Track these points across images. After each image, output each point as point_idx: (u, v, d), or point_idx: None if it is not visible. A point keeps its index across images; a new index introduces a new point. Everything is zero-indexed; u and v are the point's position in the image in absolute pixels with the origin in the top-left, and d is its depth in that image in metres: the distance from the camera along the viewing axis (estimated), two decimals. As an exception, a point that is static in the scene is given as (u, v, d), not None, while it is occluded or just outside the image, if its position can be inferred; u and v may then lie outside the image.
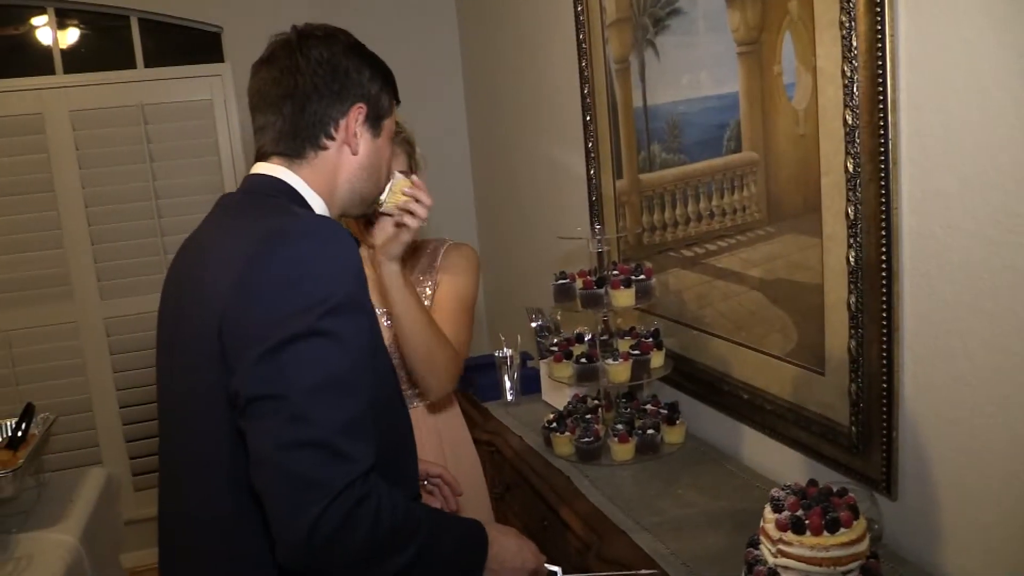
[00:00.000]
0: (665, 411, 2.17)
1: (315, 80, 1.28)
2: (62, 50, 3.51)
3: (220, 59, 3.56)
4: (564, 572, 1.46)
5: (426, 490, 1.74)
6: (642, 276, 2.09)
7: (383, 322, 1.85)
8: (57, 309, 3.54)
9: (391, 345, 1.83)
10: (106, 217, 3.50)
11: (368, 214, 1.67)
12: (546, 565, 1.43)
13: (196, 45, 3.61)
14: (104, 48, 3.64)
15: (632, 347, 2.11)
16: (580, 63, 2.52)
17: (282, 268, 1.11)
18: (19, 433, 2.58)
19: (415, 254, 2.06)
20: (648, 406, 2.23)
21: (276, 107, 1.28)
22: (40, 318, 3.52)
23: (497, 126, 3.50)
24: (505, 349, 2.63)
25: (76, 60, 3.53)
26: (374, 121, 1.36)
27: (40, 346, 3.53)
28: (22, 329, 3.50)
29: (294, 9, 3.57)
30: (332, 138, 1.31)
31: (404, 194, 1.69)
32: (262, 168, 1.31)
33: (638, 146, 2.29)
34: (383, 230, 1.83)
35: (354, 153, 1.34)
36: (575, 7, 2.48)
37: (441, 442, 2.02)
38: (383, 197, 1.64)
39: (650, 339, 2.14)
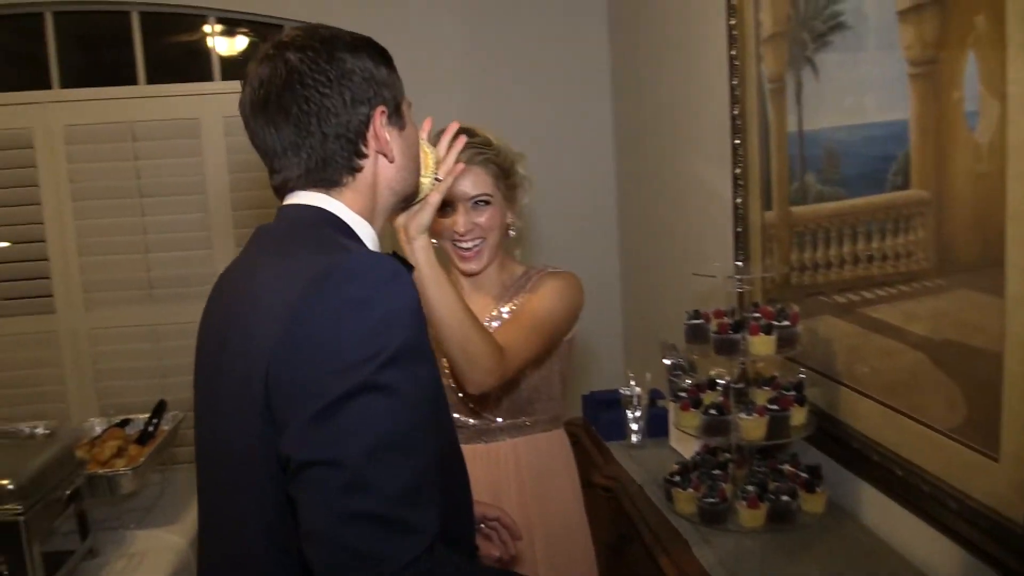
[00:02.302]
0: (805, 475, 1.92)
1: (324, 101, 1.12)
2: (221, 57, 3.61)
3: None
4: None
5: (482, 534, 1.60)
6: (786, 322, 1.87)
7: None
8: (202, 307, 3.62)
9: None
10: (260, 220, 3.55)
11: (410, 207, 1.49)
12: None
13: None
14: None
15: (770, 400, 1.88)
16: (731, 81, 2.30)
17: (333, 315, 0.98)
18: (150, 428, 2.64)
19: (510, 282, 1.92)
20: (786, 466, 1.98)
21: (295, 148, 1.14)
22: (188, 314, 3.62)
23: (644, 147, 3.31)
24: (632, 386, 2.44)
25: (234, 68, 3.63)
26: (396, 114, 1.20)
27: (186, 341, 3.63)
28: (170, 324, 3.61)
29: (431, 19, 3.57)
30: (365, 155, 1.17)
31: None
32: (299, 198, 1.18)
33: (791, 175, 2.05)
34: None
35: (391, 160, 1.20)
36: (728, 19, 2.27)
37: (522, 481, 1.87)
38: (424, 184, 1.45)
39: (792, 392, 1.90)
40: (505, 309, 1.88)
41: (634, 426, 2.42)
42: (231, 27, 3.64)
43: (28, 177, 3.35)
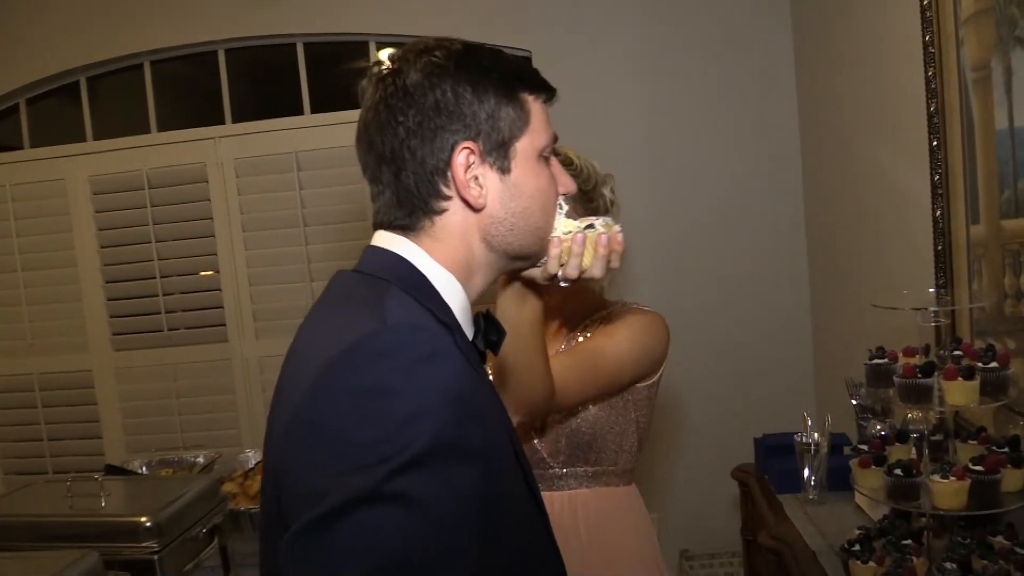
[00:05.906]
0: (1022, 552, 1.54)
1: (399, 130, 0.97)
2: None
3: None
4: None
5: None
6: (993, 364, 1.51)
7: None
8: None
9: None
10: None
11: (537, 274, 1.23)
12: None
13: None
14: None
15: (975, 459, 1.53)
16: (926, 71, 1.94)
17: (346, 405, 0.80)
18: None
19: (588, 312, 1.77)
20: (998, 539, 1.60)
21: (375, 180, 1.01)
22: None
23: (831, 153, 2.94)
24: (810, 432, 2.11)
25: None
26: (498, 153, 1.00)
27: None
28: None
29: (609, 27, 3.36)
30: (447, 197, 0.99)
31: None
32: (380, 239, 1.03)
33: (1001, 182, 1.68)
34: None
35: (476, 209, 0.99)
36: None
37: (581, 539, 1.67)
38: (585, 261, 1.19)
39: (1004, 450, 1.54)
40: (574, 340, 1.73)
41: (811, 479, 2.09)
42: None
43: (203, 210, 3.46)
